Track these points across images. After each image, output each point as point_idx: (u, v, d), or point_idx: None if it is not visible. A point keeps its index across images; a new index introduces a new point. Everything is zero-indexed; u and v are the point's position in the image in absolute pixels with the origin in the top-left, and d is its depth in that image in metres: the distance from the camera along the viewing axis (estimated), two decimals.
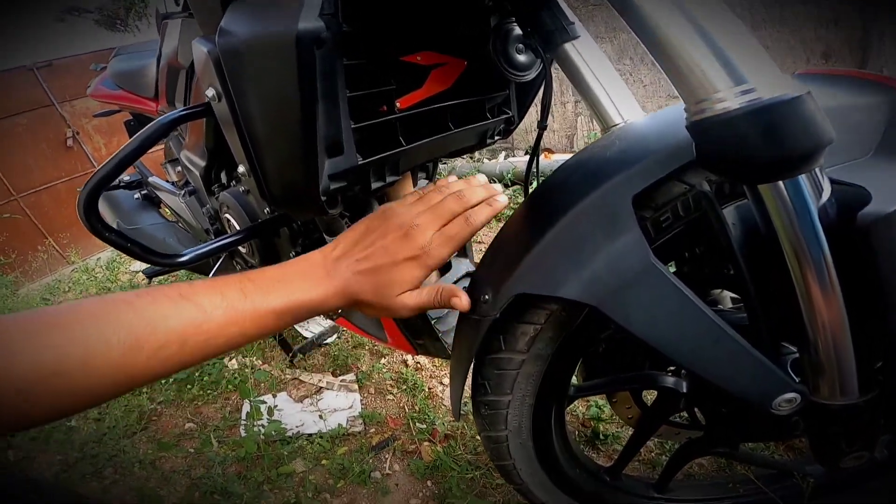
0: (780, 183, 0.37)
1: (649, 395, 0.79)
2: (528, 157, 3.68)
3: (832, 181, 0.40)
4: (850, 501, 0.83)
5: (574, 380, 0.77)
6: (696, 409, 0.77)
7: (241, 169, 0.61)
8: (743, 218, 0.44)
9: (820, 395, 0.48)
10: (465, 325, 0.58)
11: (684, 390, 0.65)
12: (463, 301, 0.52)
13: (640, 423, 0.80)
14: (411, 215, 0.54)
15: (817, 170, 0.38)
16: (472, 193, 0.56)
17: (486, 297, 0.51)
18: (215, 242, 0.79)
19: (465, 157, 3.66)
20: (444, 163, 3.55)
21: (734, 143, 0.35)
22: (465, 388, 0.67)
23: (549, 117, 3.56)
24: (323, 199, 0.61)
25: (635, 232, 0.43)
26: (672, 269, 0.67)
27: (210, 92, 0.55)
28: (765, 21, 2.96)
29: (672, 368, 0.69)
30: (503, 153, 3.67)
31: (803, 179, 0.37)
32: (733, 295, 0.71)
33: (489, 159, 3.53)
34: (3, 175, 3.86)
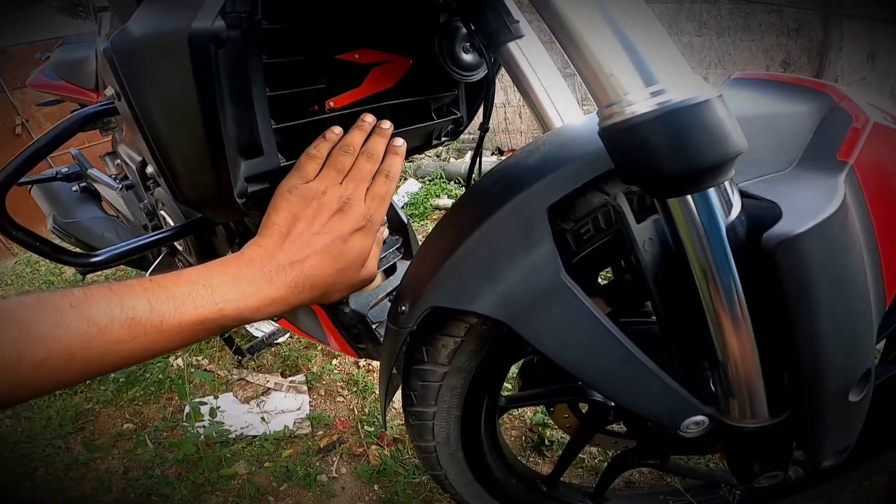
0: (689, 197, 0.35)
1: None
2: (494, 157, 3.68)
3: (744, 195, 0.39)
4: None
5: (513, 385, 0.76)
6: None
7: (149, 169, 0.57)
8: (661, 233, 0.43)
9: (730, 417, 0.47)
10: (388, 336, 0.56)
11: (612, 404, 0.64)
12: None
13: (576, 432, 0.80)
14: (335, 187, 0.52)
15: (727, 183, 0.36)
16: (376, 147, 0.55)
17: (404, 308, 0.49)
18: (135, 242, 0.74)
19: (430, 156, 3.63)
20: (411, 161, 3.51)
21: (642, 152, 0.33)
22: None
23: (517, 118, 3.57)
24: (241, 201, 0.58)
25: (548, 246, 0.41)
26: (609, 278, 0.67)
27: (109, 91, 0.52)
28: (729, 28, 3.03)
29: None
30: (469, 153, 3.65)
31: (712, 194, 0.35)
32: None
33: (456, 159, 3.51)
34: None
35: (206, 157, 0.51)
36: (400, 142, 0.58)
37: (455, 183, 3.17)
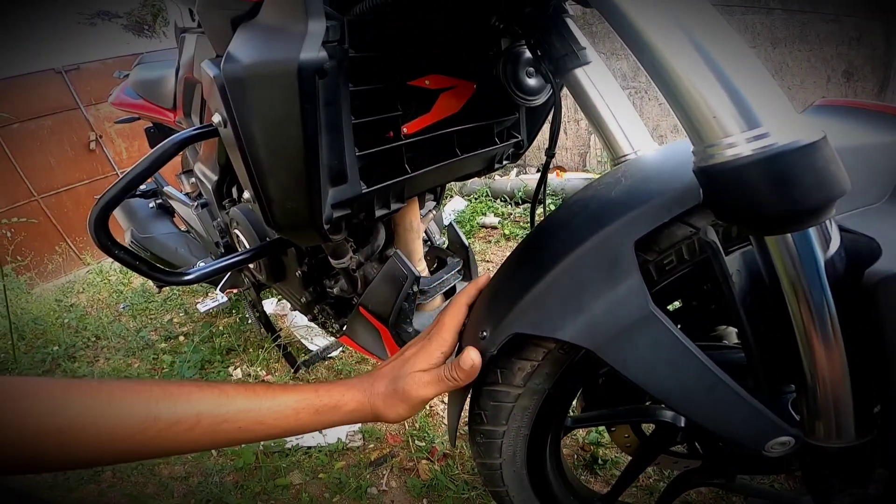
0: (788, 234, 0.36)
1: (648, 425, 0.78)
2: (539, 175, 3.66)
3: (842, 230, 0.39)
4: None
5: (574, 405, 0.76)
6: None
7: (245, 195, 0.61)
8: (749, 264, 0.43)
9: (815, 438, 0.47)
10: None
11: (682, 425, 0.64)
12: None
13: (638, 452, 0.79)
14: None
15: (827, 220, 0.37)
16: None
17: (485, 333, 0.51)
18: (220, 262, 0.80)
19: None
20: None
21: (742, 193, 0.34)
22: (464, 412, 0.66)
23: (563, 135, 3.56)
24: (326, 227, 0.61)
25: (636, 279, 0.42)
26: (678, 304, 0.67)
27: (216, 118, 0.55)
28: (784, 39, 2.93)
29: None
30: (515, 170, 3.66)
31: (812, 231, 0.36)
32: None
33: (501, 176, 3.53)
34: (25, 175, 3.94)
35: (303, 184, 0.55)
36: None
37: (501, 201, 3.17)
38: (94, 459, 0.42)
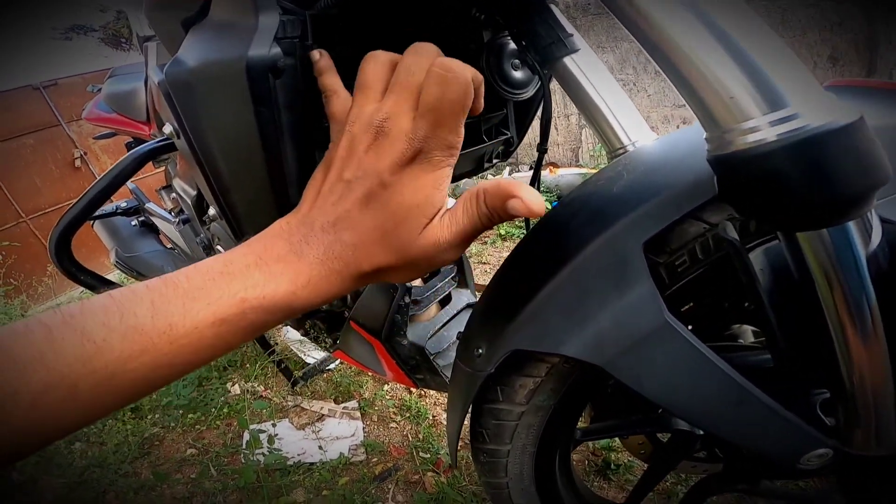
0: (825, 230, 0.31)
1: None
2: (532, 171, 3.60)
3: (883, 220, 0.34)
4: None
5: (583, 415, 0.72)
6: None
7: (211, 212, 0.56)
8: (772, 262, 0.38)
9: (854, 447, 0.42)
10: (459, 376, 0.53)
11: (700, 433, 0.59)
12: (528, 201, 0.32)
13: (654, 459, 0.74)
14: (368, 110, 0.35)
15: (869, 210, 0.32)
16: (419, 63, 0.35)
17: (480, 350, 0.46)
18: None
19: None
20: None
21: (769, 184, 0.29)
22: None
23: (553, 130, 3.52)
24: None
25: (648, 285, 0.37)
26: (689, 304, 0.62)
27: (167, 128, 0.50)
28: (768, 26, 2.93)
29: None
30: (507, 168, 3.62)
31: (852, 225, 0.31)
32: (755, 328, 0.64)
33: (493, 175, 3.49)
34: (12, 197, 3.88)
35: (270, 196, 0.49)
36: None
37: None
38: None
